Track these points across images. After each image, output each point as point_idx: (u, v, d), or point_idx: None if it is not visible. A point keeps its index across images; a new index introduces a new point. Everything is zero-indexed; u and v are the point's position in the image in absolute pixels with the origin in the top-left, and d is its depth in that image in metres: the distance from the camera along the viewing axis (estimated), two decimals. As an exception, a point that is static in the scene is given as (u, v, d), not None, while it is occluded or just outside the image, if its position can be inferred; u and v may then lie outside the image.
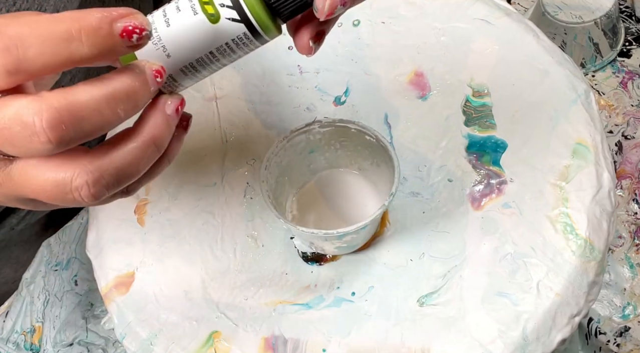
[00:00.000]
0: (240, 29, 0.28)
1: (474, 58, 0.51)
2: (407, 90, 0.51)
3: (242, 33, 0.28)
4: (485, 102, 0.49)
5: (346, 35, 0.54)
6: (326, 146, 0.47)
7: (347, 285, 0.45)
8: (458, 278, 0.43)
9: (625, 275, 0.57)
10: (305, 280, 0.46)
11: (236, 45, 0.29)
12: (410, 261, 0.45)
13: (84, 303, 0.59)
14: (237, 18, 0.28)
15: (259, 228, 0.48)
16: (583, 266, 0.42)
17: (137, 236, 0.48)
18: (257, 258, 0.47)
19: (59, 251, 0.61)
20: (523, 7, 0.75)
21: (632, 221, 0.59)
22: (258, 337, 0.43)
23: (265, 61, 0.54)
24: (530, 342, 0.41)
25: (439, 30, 0.53)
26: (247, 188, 0.50)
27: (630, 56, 0.69)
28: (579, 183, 0.45)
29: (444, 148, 0.49)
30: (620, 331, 0.56)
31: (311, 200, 0.48)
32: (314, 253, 0.47)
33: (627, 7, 0.72)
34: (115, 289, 0.46)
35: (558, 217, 0.44)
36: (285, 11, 0.29)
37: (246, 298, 0.45)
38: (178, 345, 0.43)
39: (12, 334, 0.58)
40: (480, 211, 0.46)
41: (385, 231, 0.47)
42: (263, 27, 0.28)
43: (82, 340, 0.57)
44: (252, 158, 0.51)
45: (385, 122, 0.50)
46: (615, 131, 0.65)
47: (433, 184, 0.48)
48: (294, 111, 0.52)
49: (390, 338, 0.42)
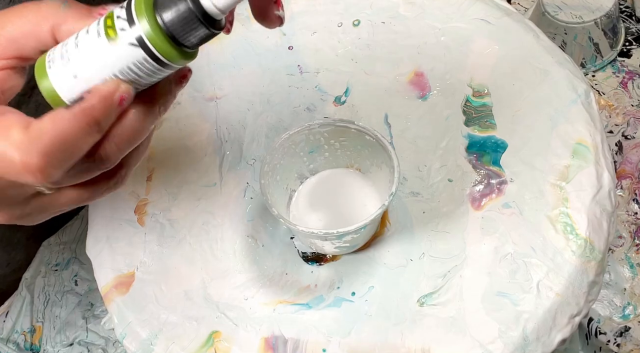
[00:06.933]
0: (140, 54, 0.29)
1: (474, 58, 0.51)
2: (407, 90, 0.51)
3: (142, 58, 0.29)
4: (485, 102, 0.49)
5: (346, 35, 0.54)
6: (326, 146, 0.47)
7: (347, 285, 0.45)
8: (458, 278, 0.43)
9: (625, 275, 0.57)
10: (305, 280, 0.46)
11: (139, 69, 0.29)
12: (410, 261, 0.45)
13: (84, 303, 0.59)
14: (135, 43, 0.28)
15: (259, 228, 0.48)
16: (583, 266, 0.42)
17: (137, 236, 0.48)
18: (257, 258, 0.47)
19: (59, 251, 0.61)
20: (523, 7, 0.75)
21: (632, 221, 0.59)
22: (258, 337, 0.43)
23: (265, 61, 0.54)
24: (530, 342, 0.41)
25: (439, 30, 0.53)
26: (247, 188, 0.50)
27: (630, 55, 0.69)
28: (579, 183, 0.45)
29: (444, 148, 0.49)
30: (620, 331, 0.55)
31: (311, 200, 0.48)
32: (314, 253, 0.47)
33: (627, 7, 0.72)
34: (115, 289, 0.46)
35: (558, 217, 0.44)
36: (188, 42, 0.29)
37: (246, 298, 0.45)
38: (178, 345, 0.43)
39: (12, 334, 0.58)
40: (480, 211, 0.46)
41: (385, 231, 0.47)
42: (163, 53, 0.29)
43: (82, 340, 0.57)
44: (252, 158, 0.51)
45: (385, 122, 0.50)
46: (616, 131, 0.65)
47: (433, 184, 0.48)
48: (294, 111, 0.52)
49: (390, 338, 0.42)
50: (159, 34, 0.28)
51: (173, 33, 0.28)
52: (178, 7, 0.28)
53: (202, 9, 0.28)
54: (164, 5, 0.28)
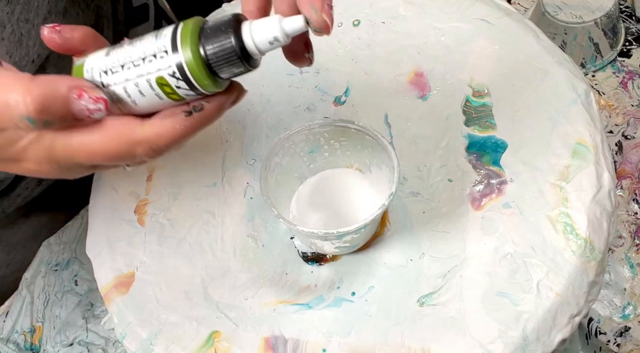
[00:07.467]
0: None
1: (474, 58, 0.51)
2: (407, 90, 0.51)
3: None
4: (485, 102, 0.49)
5: (346, 35, 0.54)
6: (326, 146, 0.47)
7: (347, 285, 0.45)
8: (458, 278, 0.43)
9: (625, 275, 0.57)
10: (305, 280, 0.46)
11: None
12: (410, 261, 0.45)
13: (84, 303, 0.59)
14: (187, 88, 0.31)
15: (259, 228, 0.48)
16: (583, 266, 0.42)
17: (137, 236, 0.48)
18: (257, 258, 0.47)
19: (59, 251, 0.61)
20: (523, 7, 0.75)
21: (632, 221, 0.59)
22: (258, 337, 0.43)
23: (265, 61, 0.54)
24: (530, 342, 0.41)
25: (439, 30, 0.53)
26: (247, 188, 0.50)
27: (630, 55, 0.69)
28: (579, 183, 0.45)
29: (444, 148, 0.49)
30: (620, 331, 0.55)
31: (311, 200, 0.48)
32: (314, 253, 0.47)
33: (627, 7, 0.72)
34: (115, 289, 0.46)
35: (558, 217, 0.44)
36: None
37: (246, 298, 0.45)
38: (178, 345, 0.43)
39: (12, 334, 0.58)
40: (480, 211, 0.46)
41: (385, 231, 0.47)
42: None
43: (82, 340, 0.57)
44: (252, 158, 0.51)
45: (385, 122, 0.50)
46: (616, 131, 0.65)
47: (433, 184, 0.48)
48: (294, 111, 0.52)
49: (390, 338, 0.42)
50: (199, 63, 0.30)
51: (212, 65, 0.31)
52: (222, 43, 0.30)
53: (244, 47, 0.31)
54: (209, 38, 0.30)
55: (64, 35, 0.32)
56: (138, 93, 0.31)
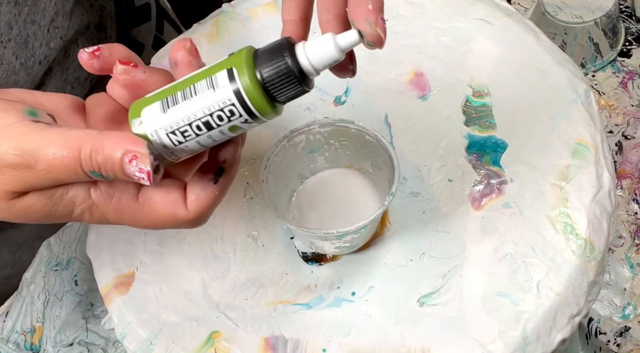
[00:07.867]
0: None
1: (474, 58, 0.51)
2: (407, 90, 0.51)
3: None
4: (485, 102, 0.49)
5: (346, 35, 0.54)
6: (326, 146, 0.47)
7: (347, 285, 0.45)
8: (458, 278, 0.43)
9: (625, 275, 0.57)
10: (305, 280, 0.46)
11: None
12: (410, 261, 0.45)
13: (84, 303, 0.59)
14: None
15: (259, 228, 0.48)
16: (583, 266, 0.42)
17: (137, 236, 0.48)
18: (257, 258, 0.47)
19: (59, 251, 0.61)
20: (523, 7, 0.75)
21: (632, 221, 0.59)
22: (258, 337, 0.43)
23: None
24: (530, 342, 0.41)
25: (439, 30, 0.53)
26: (247, 188, 0.50)
27: (630, 55, 0.69)
28: (579, 183, 0.45)
29: (444, 148, 0.49)
30: (620, 331, 0.55)
31: (311, 200, 0.48)
32: (314, 253, 0.47)
33: (627, 7, 0.72)
34: (115, 289, 0.46)
35: (558, 217, 0.44)
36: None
37: (246, 298, 0.45)
38: (178, 345, 0.43)
39: (12, 334, 0.58)
40: (480, 211, 0.46)
41: (385, 231, 0.47)
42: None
43: (82, 340, 0.57)
44: (252, 158, 0.51)
45: (385, 122, 0.50)
46: (616, 131, 0.65)
47: (433, 184, 0.48)
48: (294, 111, 0.52)
49: (390, 338, 0.42)
50: (257, 89, 0.30)
51: (270, 89, 0.30)
52: (278, 65, 0.30)
53: (300, 68, 0.30)
54: (263, 61, 0.30)
55: (103, 60, 0.33)
56: (211, 142, 0.32)
